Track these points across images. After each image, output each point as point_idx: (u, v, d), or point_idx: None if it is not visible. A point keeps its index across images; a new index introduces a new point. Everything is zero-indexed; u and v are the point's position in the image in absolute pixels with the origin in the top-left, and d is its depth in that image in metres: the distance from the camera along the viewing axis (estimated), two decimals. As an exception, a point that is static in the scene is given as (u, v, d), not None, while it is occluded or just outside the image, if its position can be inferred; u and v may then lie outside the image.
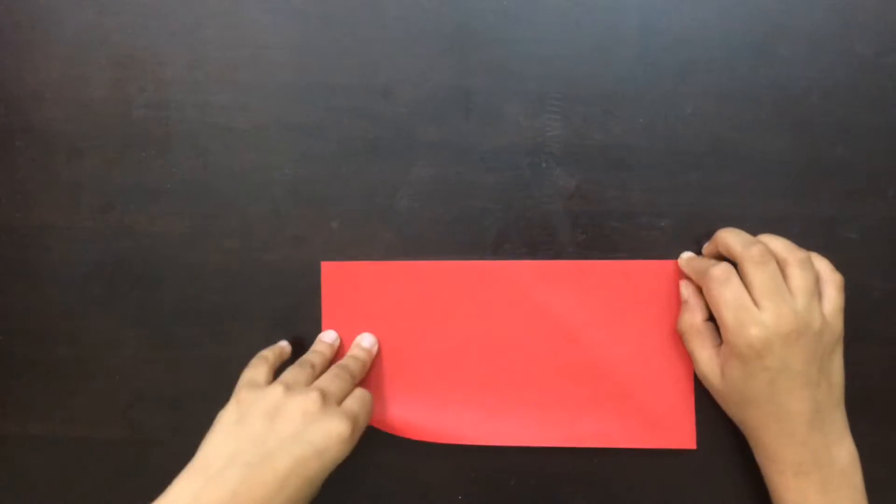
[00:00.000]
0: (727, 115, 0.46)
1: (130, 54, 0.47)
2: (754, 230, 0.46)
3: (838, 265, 0.45)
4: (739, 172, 0.46)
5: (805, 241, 0.46)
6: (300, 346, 0.47)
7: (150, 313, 0.48)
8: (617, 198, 0.46)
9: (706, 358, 0.42)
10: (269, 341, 0.47)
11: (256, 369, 0.42)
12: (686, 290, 0.44)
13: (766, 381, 0.39)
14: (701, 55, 0.45)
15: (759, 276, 0.40)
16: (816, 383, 0.40)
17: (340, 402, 0.40)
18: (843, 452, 0.41)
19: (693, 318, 0.43)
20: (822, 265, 0.42)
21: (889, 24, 0.45)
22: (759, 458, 0.42)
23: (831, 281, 0.41)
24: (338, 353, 0.46)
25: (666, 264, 0.45)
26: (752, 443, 0.42)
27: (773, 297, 0.39)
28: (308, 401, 0.38)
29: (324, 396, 0.39)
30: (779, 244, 0.42)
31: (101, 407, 0.48)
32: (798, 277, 0.40)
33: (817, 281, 0.41)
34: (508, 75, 0.46)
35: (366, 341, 0.46)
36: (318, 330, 0.47)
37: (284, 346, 0.46)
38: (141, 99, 0.47)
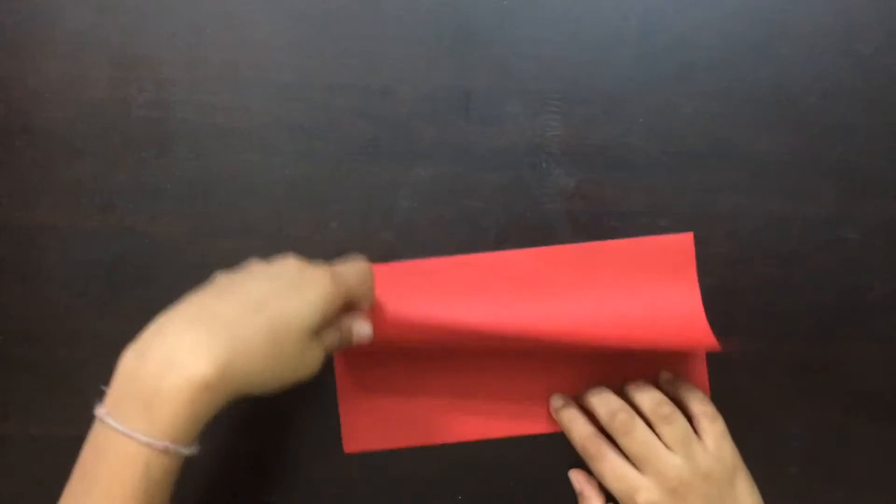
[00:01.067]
0: (727, 115, 0.46)
1: (130, 54, 0.47)
2: (754, 230, 0.46)
3: (838, 265, 0.45)
4: (739, 172, 0.46)
5: (805, 241, 0.46)
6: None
7: (150, 313, 0.48)
8: (617, 198, 0.46)
9: None
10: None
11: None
12: (577, 481, 0.45)
13: None
14: (701, 55, 0.45)
15: (631, 444, 0.41)
16: None
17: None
18: None
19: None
20: (695, 403, 0.42)
21: (889, 24, 0.45)
22: None
23: (703, 415, 0.42)
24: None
25: (675, 239, 0.45)
26: None
27: (650, 460, 0.40)
28: (285, 257, 0.38)
29: (300, 258, 0.38)
30: (645, 400, 0.42)
31: (101, 407, 0.48)
32: (668, 433, 0.41)
33: (688, 427, 0.41)
34: (508, 75, 0.46)
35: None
36: (318, 330, 0.47)
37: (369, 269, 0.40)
38: (141, 99, 0.47)
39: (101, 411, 0.32)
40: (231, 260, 0.47)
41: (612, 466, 0.41)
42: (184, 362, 0.31)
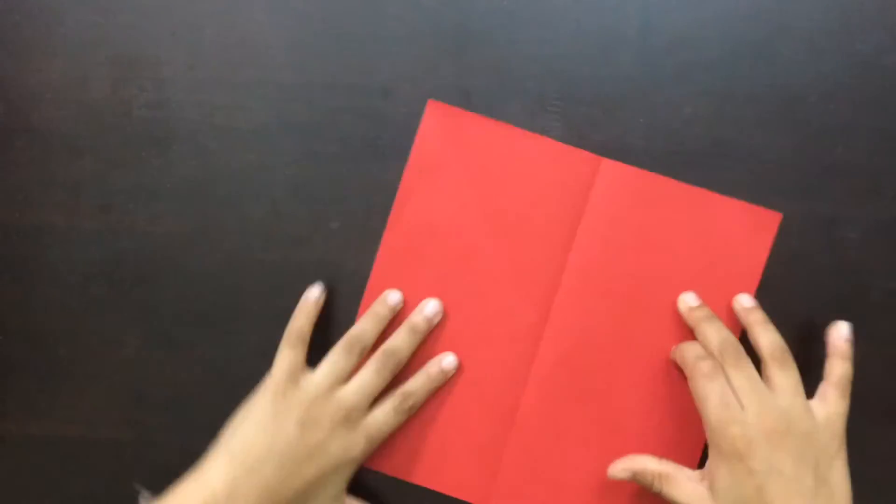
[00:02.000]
0: (727, 115, 0.46)
1: (130, 54, 0.47)
2: (754, 230, 0.46)
3: (838, 265, 0.45)
4: (739, 172, 0.46)
5: (805, 241, 0.46)
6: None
7: (150, 313, 0.48)
8: (617, 198, 0.46)
9: (688, 492, 0.40)
10: (269, 341, 0.47)
11: (296, 352, 0.43)
12: (646, 466, 0.42)
13: (754, 488, 0.37)
14: (701, 55, 0.45)
15: (738, 375, 0.39)
16: (813, 492, 0.37)
17: (372, 399, 0.42)
18: None
19: (652, 468, 0.42)
20: (837, 370, 0.41)
21: (889, 24, 0.45)
22: None
23: (836, 385, 0.41)
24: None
25: (761, 212, 0.45)
26: None
27: (752, 396, 0.39)
28: (337, 415, 0.41)
29: (350, 412, 0.41)
30: (767, 340, 0.41)
31: (101, 407, 0.48)
32: (779, 376, 0.40)
33: (800, 382, 0.40)
34: (508, 75, 0.46)
35: (429, 308, 0.45)
36: (321, 330, 0.47)
37: (318, 302, 0.45)
38: (141, 99, 0.47)
39: None
40: (231, 260, 0.47)
41: (720, 390, 0.39)
42: None
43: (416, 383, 0.44)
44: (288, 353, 0.43)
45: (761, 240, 0.45)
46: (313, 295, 0.45)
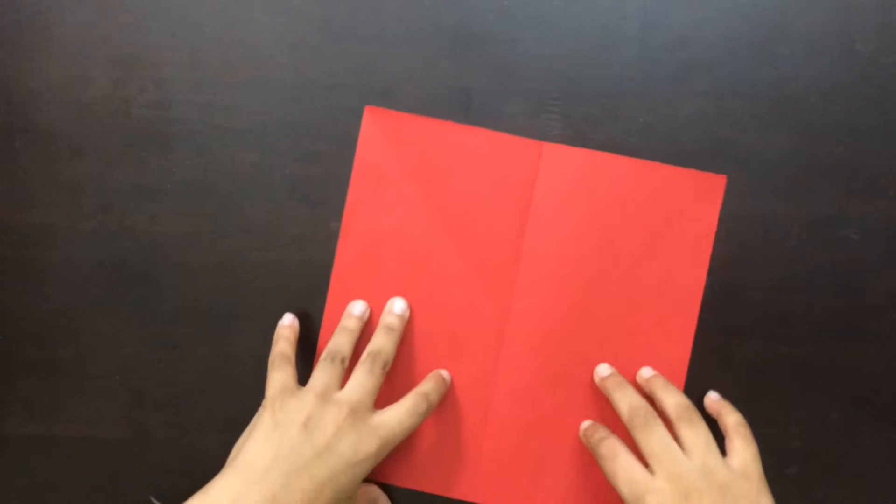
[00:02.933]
0: (727, 115, 0.46)
1: (130, 54, 0.47)
2: (754, 230, 0.46)
3: (838, 265, 0.45)
4: (739, 172, 0.46)
5: (805, 241, 0.46)
6: (302, 347, 0.47)
7: (150, 313, 0.48)
8: (617, 198, 0.46)
9: None
10: (269, 341, 0.47)
11: (284, 371, 0.42)
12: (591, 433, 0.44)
13: None
14: (701, 55, 0.45)
15: (648, 440, 0.40)
16: None
17: (374, 398, 0.41)
18: None
19: None
20: (730, 419, 0.42)
21: (889, 24, 0.45)
22: None
23: (736, 433, 0.41)
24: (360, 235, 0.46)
25: (707, 177, 0.45)
26: None
27: (664, 459, 0.39)
28: (340, 414, 0.40)
29: (355, 412, 0.40)
30: (671, 402, 0.41)
31: (101, 407, 0.48)
32: (688, 436, 0.40)
33: (710, 434, 0.40)
34: (508, 75, 0.46)
35: (398, 306, 0.46)
36: (319, 329, 0.47)
37: (292, 326, 0.46)
38: (141, 99, 0.47)
39: None
40: (231, 260, 0.47)
41: (624, 466, 0.40)
42: None
43: (430, 385, 0.44)
44: (276, 375, 0.42)
45: (710, 204, 0.45)
46: (286, 321, 0.46)
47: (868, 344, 0.46)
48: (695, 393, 0.46)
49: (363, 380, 0.42)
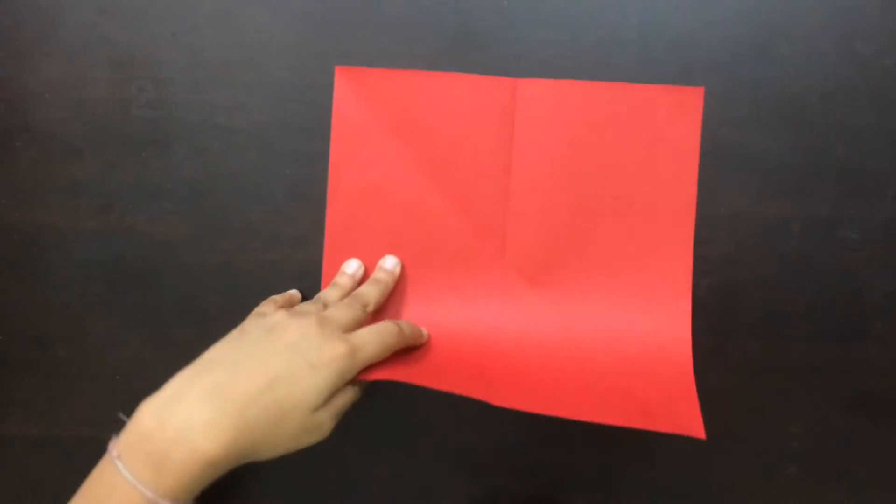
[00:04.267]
0: (727, 115, 0.46)
1: (130, 54, 0.47)
2: (754, 230, 0.46)
3: (838, 265, 0.45)
4: (739, 172, 0.46)
5: (805, 241, 0.46)
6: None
7: (150, 313, 0.48)
8: (617, 198, 0.46)
9: None
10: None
11: (264, 306, 0.43)
12: None
13: None
14: (701, 55, 0.45)
15: None
16: None
17: (348, 330, 0.39)
18: None
19: None
20: None
21: (889, 24, 0.45)
22: None
23: None
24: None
25: (684, 90, 0.45)
26: None
27: None
28: (307, 324, 0.38)
29: (323, 321, 0.39)
30: None
31: (101, 407, 0.48)
32: None
33: None
34: (508, 75, 0.46)
35: (388, 262, 0.46)
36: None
37: (294, 293, 0.46)
38: (141, 99, 0.47)
39: (114, 452, 0.35)
40: (231, 260, 0.47)
41: None
42: (195, 440, 0.34)
43: (405, 323, 0.43)
44: (255, 309, 0.42)
45: (690, 117, 0.45)
46: (295, 290, 0.46)
47: (868, 344, 0.46)
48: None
49: (339, 308, 0.41)
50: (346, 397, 0.39)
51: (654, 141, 0.45)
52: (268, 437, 0.36)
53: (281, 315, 0.39)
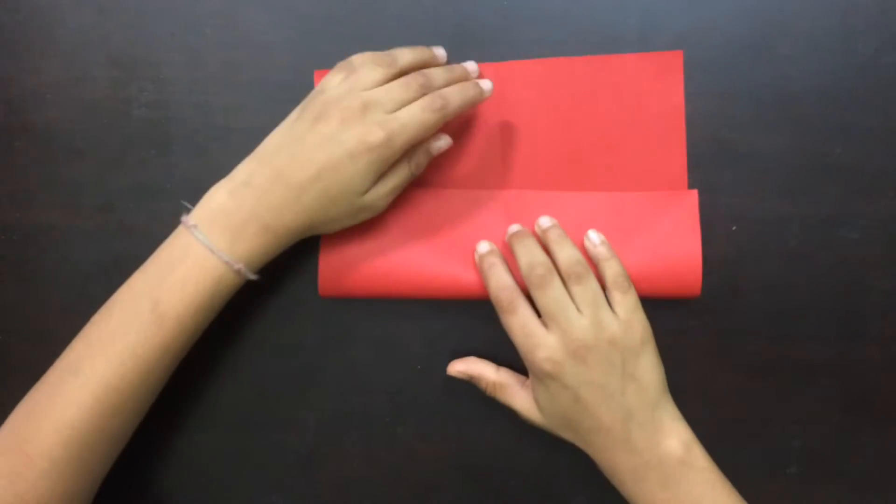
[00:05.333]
0: (727, 115, 0.46)
1: (130, 54, 0.47)
2: (754, 230, 0.46)
3: (838, 265, 0.45)
4: (739, 172, 0.46)
5: (805, 241, 0.46)
6: (299, 347, 0.47)
7: (150, 313, 0.48)
8: (617, 198, 0.46)
9: (520, 401, 0.43)
10: (269, 341, 0.47)
11: (332, 74, 0.42)
12: (463, 370, 0.45)
13: (570, 400, 0.40)
14: (701, 55, 0.45)
15: (543, 298, 0.41)
16: (621, 391, 0.40)
17: (398, 106, 0.40)
18: (675, 444, 0.40)
19: (489, 377, 0.44)
20: (611, 270, 0.42)
21: (889, 24, 0.45)
22: (605, 474, 0.42)
23: (615, 285, 0.42)
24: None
25: (663, 55, 0.45)
26: (595, 461, 0.42)
27: (558, 317, 0.40)
28: (350, 109, 0.40)
29: (367, 105, 0.40)
30: (562, 257, 0.42)
31: (101, 407, 0.48)
32: (579, 293, 0.41)
33: (598, 290, 0.41)
34: (508, 75, 0.46)
35: (470, 64, 0.45)
36: (319, 329, 0.47)
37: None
38: (141, 99, 0.47)
39: (190, 222, 0.40)
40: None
41: (521, 321, 0.41)
42: (265, 218, 0.40)
43: (452, 90, 0.42)
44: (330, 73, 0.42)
45: (672, 81, 0.45)
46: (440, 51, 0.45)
47: (868, 344, 0.46)
48: (694, 395, 0.46)
49: (395, 88, 0.41)
50: (397, 177, 0.42)
51: (639, 108, 0.45)
52: (323, 218, 0.41)
53: (332, 94, 0.40)
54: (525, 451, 0.47)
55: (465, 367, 0.45)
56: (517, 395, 0.43)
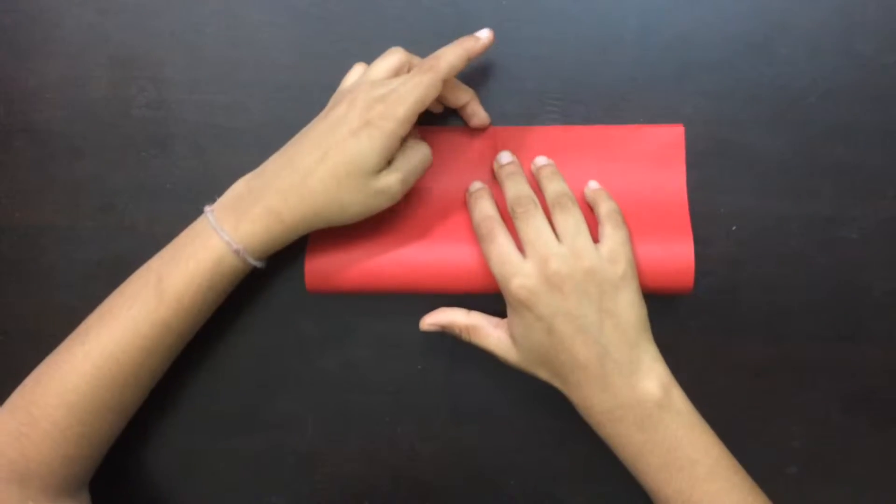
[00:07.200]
0: (727, 115, 0.46)
1: (130, 54, 0.47)
2: (754, 230, 0.46)
3: (838, 265, 0.45)
4: (739, 172, 0.46)
5: (805, 241, 0.46)
6: (299, 347, 0.47)
7: (150, 313, 0.48)
8: (617, 198, 0.46)
9: (494, 340, 0.42)
10: (269, 341, 0.47)
11: (353, 70, 0.44)
12: (455, 321, 0.44)
13: (544, 332, 0.39)
14: (701, 55, 0.45)
15: (524, 227, 0.41)
16: (598, 326, 0.39)
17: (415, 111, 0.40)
18: (653, 385, 0.39)
19: (460, 321, 0.44)
20: (603, 206, 0.42)
21: (889, 24, 0.45)
22: (581, 415, 0.41)
23: (608, 219, 0.42)
24: None
25: (666, 130, 0.46)
26: (572, 401, 0.41)
27: (536, 244, 0.40)
28: (358, 90, 0.40)
29: (374, 84, 0.40)
30: (550, 188, 0.42)
31: (101, 407, 0.48)
32: (560, 221, 0.41)
33: (581, 221, 0.41)
34: (508, 75, 0.46)
35: (484, 34, 0.43)
36: (320, 329, 0.47)
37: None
38: (141, 99, 0.47)
39: (207, 209, 0.42)
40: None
41: (499, 248, 0.40)
42: (269, 199, 0.40)
43: (445, 48, 0.41)
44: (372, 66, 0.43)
45: (675, 155, 0.45)
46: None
47: (868, 344, 0.46)
48: (694, 395, 0.46)
49: (407, 80, 0.40)
50: (411, 160, 0.41)
51: (641, 180, 0.45)
52: (330, 203, 0.40)
53: (346, 85, 0.43)
54: (525, 451, 0.47)
55: (434, 318, 0.44)
56: (491, 335, 0.43)
